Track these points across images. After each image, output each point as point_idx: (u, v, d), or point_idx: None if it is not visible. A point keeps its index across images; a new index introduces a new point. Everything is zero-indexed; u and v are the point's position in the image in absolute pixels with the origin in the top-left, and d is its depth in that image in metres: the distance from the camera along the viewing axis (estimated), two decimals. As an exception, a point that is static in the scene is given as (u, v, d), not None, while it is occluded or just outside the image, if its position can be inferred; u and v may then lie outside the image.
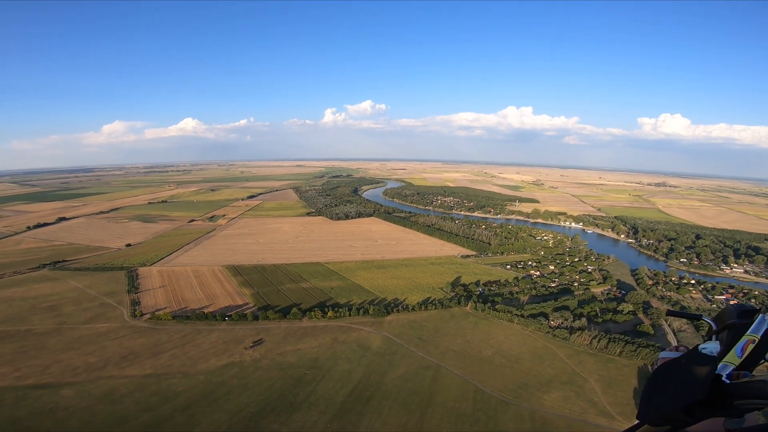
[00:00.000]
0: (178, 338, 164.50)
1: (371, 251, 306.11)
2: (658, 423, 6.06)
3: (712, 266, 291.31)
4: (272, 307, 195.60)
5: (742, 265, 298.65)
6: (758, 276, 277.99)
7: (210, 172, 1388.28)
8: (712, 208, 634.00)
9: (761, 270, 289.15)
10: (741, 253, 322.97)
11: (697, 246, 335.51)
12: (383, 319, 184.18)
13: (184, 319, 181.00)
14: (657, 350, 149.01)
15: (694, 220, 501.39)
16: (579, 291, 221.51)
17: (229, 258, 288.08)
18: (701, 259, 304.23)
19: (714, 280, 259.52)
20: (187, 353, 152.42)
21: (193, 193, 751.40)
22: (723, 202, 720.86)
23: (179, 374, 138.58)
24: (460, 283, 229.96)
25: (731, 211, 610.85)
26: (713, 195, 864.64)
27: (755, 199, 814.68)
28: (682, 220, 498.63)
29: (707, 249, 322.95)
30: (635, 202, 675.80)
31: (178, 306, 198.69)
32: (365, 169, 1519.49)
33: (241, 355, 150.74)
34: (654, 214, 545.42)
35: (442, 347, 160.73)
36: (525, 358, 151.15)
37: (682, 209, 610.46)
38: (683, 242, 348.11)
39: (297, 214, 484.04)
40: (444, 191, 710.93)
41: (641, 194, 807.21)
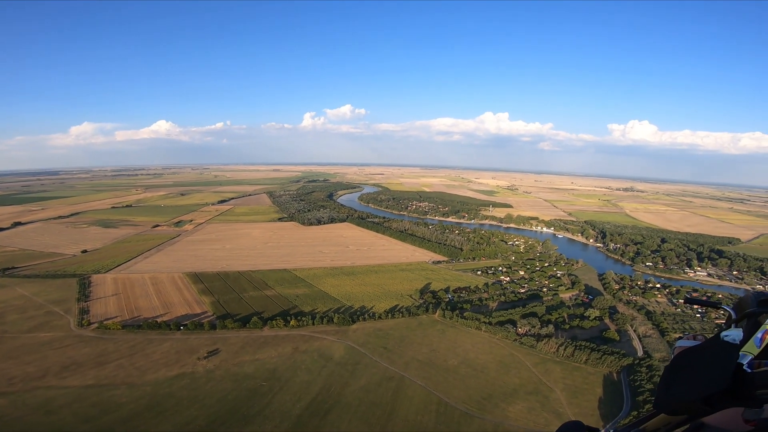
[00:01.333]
0: (127, 348, 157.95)
1: (341, 257, 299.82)
2: (676, 412, 6.01)
3: (676, 270, 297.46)
4: (232, 315, 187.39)
5: (705, 268, 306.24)
6: (722, 279, 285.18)
7: (182, 176, 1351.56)
8: (677, 213, 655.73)
9: (724, 273, 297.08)
10: (704, 256, 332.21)
11: (663, 250, 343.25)
12: (348, 328, 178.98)
13: (135, 329, 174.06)
14: (621, 357, 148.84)
15: (660, 224, 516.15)
16: (548, 297, 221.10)
17: (192, 265, 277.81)
18: (666, 263, 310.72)
19: (679, 283, 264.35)
20: (134, 363, 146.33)
21: (162, 197, 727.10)
22: (687, 207, 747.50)
23: (124, 385, 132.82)
24: (429, 289, 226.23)
25: (695, 215, 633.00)
26: (678, 200, 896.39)
27: (717, 203, 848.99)
28: (648, 224, 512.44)
29: (672, 253, 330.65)
30: (604, 207, 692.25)
31: (131, 315, 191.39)
32: (343, 173, 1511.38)
33: (194, 366, 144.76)
34: (622, 218, 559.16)
35: (407, 357, 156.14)
36: (491, 367, 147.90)
37: (649, 213, 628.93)
38: (649, 246, 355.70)
39: (268, 219, 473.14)
40: (419, 196, 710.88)
41: (610, 199, 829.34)
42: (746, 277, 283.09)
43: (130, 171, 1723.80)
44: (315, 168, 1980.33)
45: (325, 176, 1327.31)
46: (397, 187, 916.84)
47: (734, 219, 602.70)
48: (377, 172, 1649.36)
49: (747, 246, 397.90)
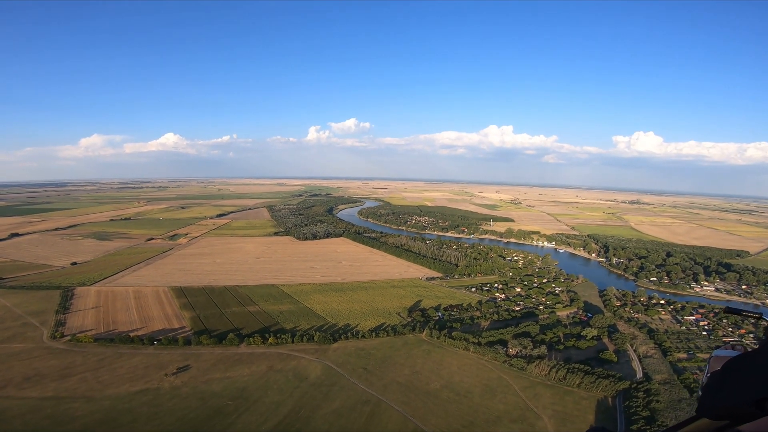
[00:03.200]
0: (95, 361, 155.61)
1: (332, 273, 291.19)
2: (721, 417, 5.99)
3: (682, 285, 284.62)
4: (210, 331, 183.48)
5: (713, 282, 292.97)
6: (730, 294, 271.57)
7: (186, 189, 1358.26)
8: (683, 225, 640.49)
9: (733, 288, 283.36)
10: (711, 270, 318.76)
11: (668, 264, 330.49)
12: (329, 347, 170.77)
13: (107, 342, 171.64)
14: (617, 381, 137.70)
15: (666, 237, 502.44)
16: (544, 315, 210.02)
17: (179, 279, 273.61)
18: (671, 278, 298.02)
19: (684, 299, 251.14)
20: (98, 377, 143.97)
21: (162, 210, 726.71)
22: (694, 219, 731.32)
23: (83, 398, 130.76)
24: (419, 307, 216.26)
25: (702, 227, 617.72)
26: (684, 212, 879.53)
27: (726, 215, 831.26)
28: (653, 238, 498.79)
29: (677, 267, 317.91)
30: (609, 220, 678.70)
31: (106, 328, 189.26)
32: (346, 187, 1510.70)
33: (160, 382, 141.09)
34: (626, 231, 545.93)
35: (387, 379, 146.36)
36: (475, 392, 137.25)
37: (654, 226, 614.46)
38: (653, 260, 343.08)
39: (264, 234, 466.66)
40: (420, 211, 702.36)
41: (615, 212, 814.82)
42: (756, 292, 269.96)
43: (136, 184, 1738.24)
44: (319, 182, 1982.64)
45: (327, 190, 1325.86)
46: (399, 202, 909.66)
47: (743, 231, 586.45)
48: (381, 186, 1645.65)
49: (756, 259, 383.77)
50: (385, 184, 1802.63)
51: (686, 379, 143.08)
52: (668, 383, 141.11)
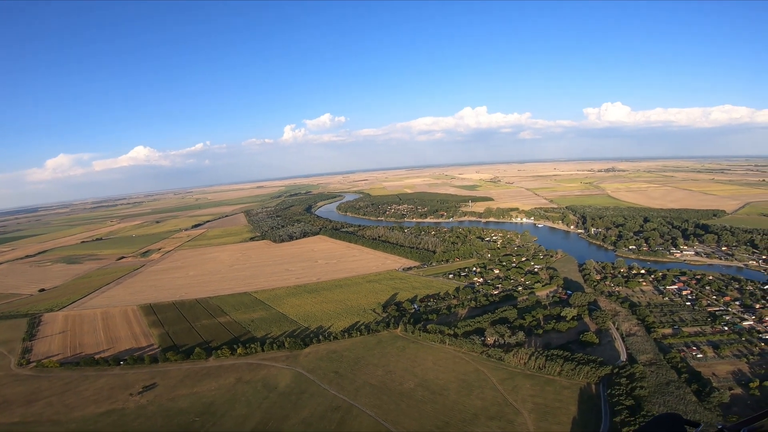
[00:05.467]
0: (60, 385, 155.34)
1: (308, 273, 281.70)
2: None
3: (661, 251, 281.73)
4: (179, 346, 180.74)
5: (692, 246, 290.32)
6: (710, 257, 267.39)
7: (163, 203, 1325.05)
8: (659, 189, 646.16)
9: (713, 250, 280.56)
10: (690, 233, 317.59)
11: (646, 230, 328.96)
12: (300, 352, 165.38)
13: (73, 366, 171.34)
14: (599, 366, 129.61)
15: (642, 203, 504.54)
16: (523, 296, 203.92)
17: (149, 296, 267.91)
18: (650, 245, 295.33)
19: (665, 266, 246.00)
20: (64, 401, 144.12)
21: (135, 227, 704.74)
22: (668, 182, 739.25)
23: (49, 422, 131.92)
24: (395, 301, 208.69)
25: (677, 189, 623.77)
26: (659, 176, 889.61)
27: (699, 176, 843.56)
28: (630, 204, 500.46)
29: (655, 233, 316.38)
30: (586, 190, 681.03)
31: (73, 352, 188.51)
32: (326, 183, 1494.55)
33: (125, 402, 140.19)
34: (604, 200, 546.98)
35: (359, 381, 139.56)
36: (451, 388, 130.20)
37: (631, 192, 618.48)
38: (631, 228, 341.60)
39: (240, 240, 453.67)
40: (399, 199, 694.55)
41: (592, 181, 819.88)
42: (736, 253, 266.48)
43: (110, 202, 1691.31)
44: (299, 181, 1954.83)
45: (308, 188, 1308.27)
46: (379, 192, 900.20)
47: (717, 190, 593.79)
48: (361, 178, 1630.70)
49: (733, 217, 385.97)
50: (365, 176, 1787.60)
51: (673, 358, 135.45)
52: (654, 364, 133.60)
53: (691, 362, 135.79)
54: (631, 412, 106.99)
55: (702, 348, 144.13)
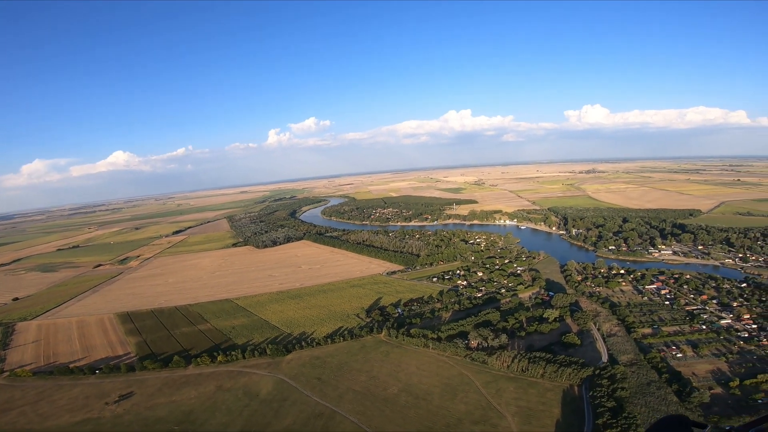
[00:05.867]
0: (34, 395, 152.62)
1: (291, 279, 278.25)
2: None
3: (640, 251, 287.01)
4: (157, 355, 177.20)
5: (670, 246, 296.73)
6: (687, 256, 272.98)
7: (143, 209, 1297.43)
8: (637, 189, 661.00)
9: (690, 249, 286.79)
10: (667, 233, 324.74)
11: (625, 230, 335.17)
12: (282, 359, 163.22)
13: (47, 375, 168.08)
14: (580, 368, 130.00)
15: (621, 203, 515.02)
16: (506, 298, 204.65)
17: (126, 304, 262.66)
18: (629, 245, 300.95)
19: (643, 266, 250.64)
20: (38, 410, 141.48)
21: (114, 234, 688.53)
22: (646, 182, 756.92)
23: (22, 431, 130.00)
24: (378, 305, 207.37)
25: (654, 189, 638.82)
26: (637, 176, 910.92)
27: (675, 176, 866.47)
28: (610, 204, 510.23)
29: (634, 233, 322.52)
30: (568, 191, 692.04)
31: (47, 361, 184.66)
32: (312, 188, 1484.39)
33: (101, 411, 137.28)
34: (585, 201, 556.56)
35: (343, 388, 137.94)
36: (435, 393, 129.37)
37: (610, 193, 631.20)
38: (611, 228, 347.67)
39: (222, 246, 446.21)
40: (384, 203, 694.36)
41: (573, 182, 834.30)
42: (712, 252, 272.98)
43: (88, 208, 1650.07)
44: (284, 185, 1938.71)
45: (293, 193, 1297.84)
46: (364, 196, 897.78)
47: (693, 190, 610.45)
48: (347, 182, 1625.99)
49: (709, 217, 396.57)
50: (351, 180, 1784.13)
51: (653, 358, 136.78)
52: (635, 364, 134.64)
53: (671, 362, 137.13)
54: (613, 413, 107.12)
55: (681, 347, 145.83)
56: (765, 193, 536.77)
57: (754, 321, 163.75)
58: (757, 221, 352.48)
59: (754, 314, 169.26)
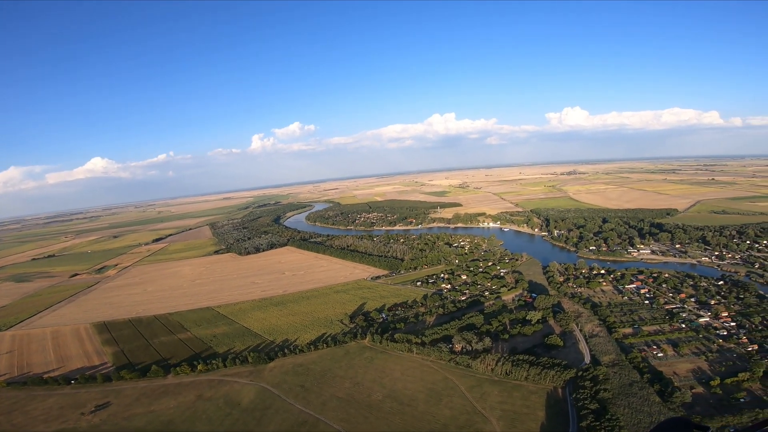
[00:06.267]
0: (7, 405, 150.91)
1: (274, 286, 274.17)
2: None
3: (619, 251, 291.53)
4: (134, 364, 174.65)
5: (648, 245, 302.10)
6: (665, 255, 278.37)
7: (122, 216, 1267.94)
8: (616, 189, 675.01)
9: (668, 248, 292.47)
10: (645, 232, 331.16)
11: (604, 231, 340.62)
12: (264, 367, 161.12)
13: (21, 386, 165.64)
14: (563, 370, 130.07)
15: (601, 203, 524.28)
16: (489, 301, 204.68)
17: (103, 314, 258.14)
18: (609, 245, 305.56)
19: (623, 266, 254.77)
20: (11, 420, 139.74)
21: (91, 242, 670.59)
22: (625, 183, 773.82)
23: None
24: (362, 311, 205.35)
25: (633, 190, 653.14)
26: (616, 177, 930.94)
27: (652, 176, 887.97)
28: (590, 205, 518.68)
29: (613, 233, 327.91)
30: (550, 193, 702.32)
31: (20, 371, 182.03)
32: (297, 193, 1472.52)
33: (77, 421, 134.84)
34: (566, 202, 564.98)
35: (326, 395, 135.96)
36: (420, 398, 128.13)
37: (590, 194, 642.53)
38: (591, 229, 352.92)
39: (204, 254, 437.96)
40: (369, 207, 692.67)
41: (555, 184, 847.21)
42: (689, 250, 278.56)
43: (65, 216, 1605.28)
44: (269, 191, 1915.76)
45: (277, 198, 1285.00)
46: (349, 201, 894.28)
47: (669, 189, 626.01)
48: (332, 187, 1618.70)
49: (685, 216, 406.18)
50: (336, 185, 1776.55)
51: (634, 358, 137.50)
52: (617, 365, 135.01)
53: (653, 362, 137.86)
54: (597, 415, 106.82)
55: (662, 347, 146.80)
56: (739, 192, 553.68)
57: (732, 319, 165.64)
58: (731, 219, 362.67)
59: (732, 312, 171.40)
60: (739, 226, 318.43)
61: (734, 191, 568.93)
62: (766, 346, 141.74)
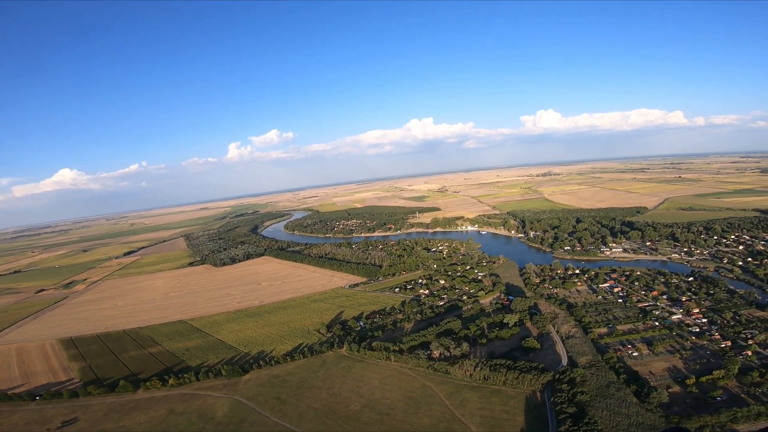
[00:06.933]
0: None
1: (250, 297, 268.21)
2: None
3: (593, 250, 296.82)
4: (102, 380, 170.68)
5: (620, 243, 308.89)
6: (637, 253, 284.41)
7: (93, 230, 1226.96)
8: (588, 189, 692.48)
9: (639, 246, 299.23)
10: (617, 230, 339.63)
11: (578, 230, 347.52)
12: (239, 380, 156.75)
13: None
14: (541, 372, 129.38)
15: (575, 204, 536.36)
16: (467, 305, 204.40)
17: (70, 329, 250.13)
18: (583, 244, 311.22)
19: (597, 265, 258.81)
20: None
21: (60, 257, 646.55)
22: (597, 183, 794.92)
23: None
24: (340, 320, 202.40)
25: (604, 189, 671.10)
26: (588, 177, 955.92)
27: (622, 176, 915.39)
28: (564, 205, 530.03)
29: (587, 233, 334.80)
30: (526, 195, 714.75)
31: None
32: (276, 202, 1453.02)
33: None
34: (541, 203, 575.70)
35: (303, 406, 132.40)
36: (399, 407, 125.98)
37: (564, 194, 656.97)
38: (565, 229, 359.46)
39: (178, 266, 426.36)
40: (348, 214, 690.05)
41: (531, 185, 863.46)
42: (659, 247, 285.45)
43: (33, 231, 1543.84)
44: (247, 200, 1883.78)
45: (255, 208, 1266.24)
46: (329, 208, 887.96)
47: (639, 188, 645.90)
48: (311, 195, 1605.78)
49: (654, 213, 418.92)
50: (315, 192, 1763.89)
51: (610, 358, 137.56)
52: (593, 366, 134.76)
53: (628, 361, 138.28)
54: (575, 419, 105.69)
55: (637, 345, 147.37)
56: (705, 189, 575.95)
57: (703, 315, 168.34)
58: (698, 215, 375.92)
59: (703, 308, 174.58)
60: (706, 222, 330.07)
61: (700, 188, 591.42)
62: (739, 342, 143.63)
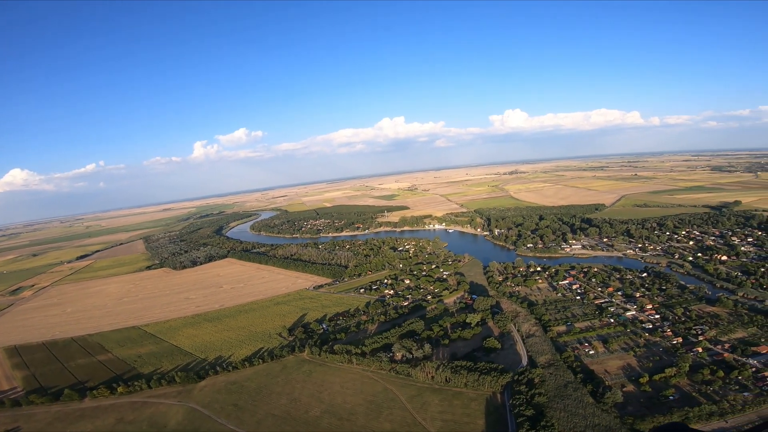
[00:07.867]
0: None
1: (210, 301, 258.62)
2: None
3: (554, 247, 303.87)
4: (47, 388, 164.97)
5: (579, 240, 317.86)
6: (594, 249, 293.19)
7: (45, 233, 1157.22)
8: (552, 187, 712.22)
9: (596, 242, 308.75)
10: (576, 227, 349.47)
11: (540, 228, 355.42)
12: (194, 386, 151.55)
13: None
14: (500, 373, 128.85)
15: (539, 201, 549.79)
16: (432, 305, 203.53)
17: (14, 337, 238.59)
18: (545, 242, 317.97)
19: (557, 262, 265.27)
20: None
21: (7, 262, 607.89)
22: (560, 181, 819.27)
23: None
24: (303, 323, 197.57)
25: (566, 187, 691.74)
26: (552, 175, 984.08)
27: (583, 174, 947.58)
28: (529, 203, 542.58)
29: (549, 230, 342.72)
30: (493, 192, 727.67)
31: None
32: (243, 202, 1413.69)
33: None
34: (507, 201, 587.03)
35: (261, 413, 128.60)
36: (360, 412, 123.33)
37: (529, 192, 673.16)
38: (529, 227, 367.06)
39: (134, 270, 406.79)
40: (317, 214, 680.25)
41: (498, 184, 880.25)
42: (615, 243, 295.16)
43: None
44: (213, 200, 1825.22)
45: (221, 208, 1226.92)
46: (297, 208, 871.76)
47: (598, 186, 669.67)
48: (280, 194, 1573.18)
49: (612, 210, 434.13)
50: (285, 192, 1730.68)
51: (568, 357, 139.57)
52: (552, 365, 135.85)
53: (585, 360, 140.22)
54: (533, 422, 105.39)
55: (593, 343, 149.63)
56: (658, 186, 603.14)
57: (656, 311, 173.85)
58: (652, 212, 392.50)
59: (655, 304, 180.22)
60: (660, 218, 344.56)
61: (654, 185, 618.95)
62: (690, 338, 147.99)
